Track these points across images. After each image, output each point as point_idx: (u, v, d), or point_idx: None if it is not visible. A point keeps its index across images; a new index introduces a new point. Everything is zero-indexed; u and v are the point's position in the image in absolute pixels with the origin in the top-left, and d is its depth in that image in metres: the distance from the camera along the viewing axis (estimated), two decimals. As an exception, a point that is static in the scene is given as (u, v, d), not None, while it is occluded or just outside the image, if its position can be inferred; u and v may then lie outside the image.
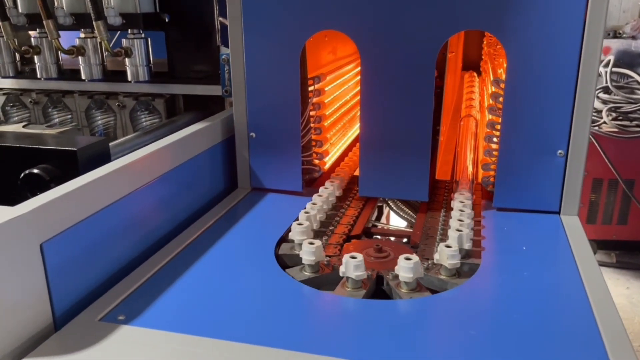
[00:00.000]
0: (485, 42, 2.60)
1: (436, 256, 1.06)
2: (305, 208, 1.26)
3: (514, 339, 0.84)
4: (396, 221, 2.72)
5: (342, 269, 0.99)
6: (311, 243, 1.04)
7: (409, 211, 2.04)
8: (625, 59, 3.60)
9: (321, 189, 1.38)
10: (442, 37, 1.23)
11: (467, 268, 1.08)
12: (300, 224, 1.14)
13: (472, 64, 2.90)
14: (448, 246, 1.04)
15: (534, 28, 1.17)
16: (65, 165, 1.14)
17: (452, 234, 1.11)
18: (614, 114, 3.23)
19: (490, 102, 1.36)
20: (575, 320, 0.88)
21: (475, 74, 2.32)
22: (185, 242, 1.17)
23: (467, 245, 1.09)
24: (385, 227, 1.77)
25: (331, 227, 1.26)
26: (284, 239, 1.19)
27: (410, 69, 1.27)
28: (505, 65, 1.25)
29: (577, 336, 0.84)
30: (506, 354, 0.81)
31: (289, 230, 1.18)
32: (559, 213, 1.27)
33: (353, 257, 0.98)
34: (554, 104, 1.20)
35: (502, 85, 1.29)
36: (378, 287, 1.04)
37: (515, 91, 1.22)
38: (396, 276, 1.01)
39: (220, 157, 1.47)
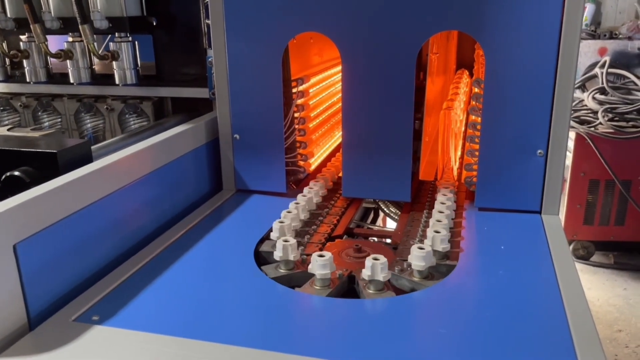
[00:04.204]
0: (477, 44, 2.60)
1: (409, 257, 1.06)
2: (288, 209, 1.26)
3: (481, 339, 0.84)
4: (392, 225, 2.73)
5: (310, 267, 1.00)
6: (285, 240, 1.04)
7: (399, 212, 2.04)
8: (622, 60, 3.59)
9: (305, 189, 1.38)
10: (421, 38, 1.24)
11: (444, 269, 1.07)
12: (281, 222, 1.14)
13: (468, 66, 2.90)
14: (421, 248, 1.03)
15: (512, 29, 1.17)
16: (45, 167, 1.15)
17: (429, 234, 1.10)
18: (610, 115, 3.22)
19: (473, 102, 1.36)
20: (546, 320, 0.88)
21: (467, 72, 2.32)
22: (166, 243, 1.18)
23: (443, 247, 1.08)
24: (369, 228, 1.77)
25: (314, 227, 1.27)
26: (266, 238, 1.19)
27: (390, 70, 1.27)
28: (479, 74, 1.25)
29: (548, 335, 0.84)
30: (471, 354, 0.81)
31: (272, 230, 1.18)
32: (540, 212, 1.27)
33: (321, 256, 0.98)
34: (532, 104, 1.20)
35: (482, 86, 1.29)
36: (351, 287, 1.04)
37: (495, 92, 1.22)
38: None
39: (204, 159, 1.47)
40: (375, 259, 0.97)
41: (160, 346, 0.83)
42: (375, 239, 1.40)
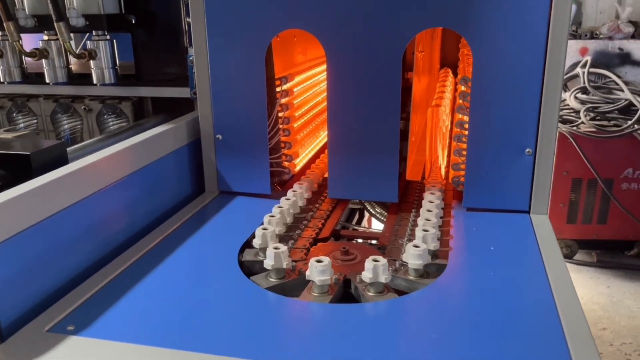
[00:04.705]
0: (461, 43, 2.59)
1: (403, 256, 1.04)
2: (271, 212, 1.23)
3: (479, 340, 0.82)
4: (378, 226, 2.71)
5: (307, 273, 0.96)
6: (276, 248, 1.01)
7: (387, 214, 2.02)
8: (603, 60, 3.62)
9: (289, 191, 1.35)
10: (407, 36, 1.21)
11: (434, 268, 1.05)
12: (264, 229, 1.11)
13: (451, 65, 2.89)
14: (416, 246, 1.02)
15: (499, 25, 1.15)
16: (18, 169, 1.10)
17: (418, 233, 1.08)
18: (592, 114, 3.24)
19: (459, 101, 1.34)
20: (539, 321, 0.86)
21: (450, 71, 2.30)
22: (145, 248, 1.13)
23: (434, 246, 1.07)
24: (355, 229, 1.74)
25: (298, 231, 1.23)
26: (249, 243, 1.16)
27: (376, 68, 1.24)
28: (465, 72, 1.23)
29: (541, 336, 0.82)
30: (471, 355, 0.78)
31: (255, 234, 1.14)
32: (528, 212, 1.25)
33: (319, 262, 0.95)
34: (520, 102, 1.18)
35: (470, 84, 1.27)
36: (346, 291, 1.01)
37: (482, 90, 1.20)
38: (361, 280, 0.98)
39: (186, 160, 1.43)
40: (376, 260, 0.94)
41: (139, 357, 0.79)
42: (360, 240, 1.37)
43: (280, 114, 1.43)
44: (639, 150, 3.19)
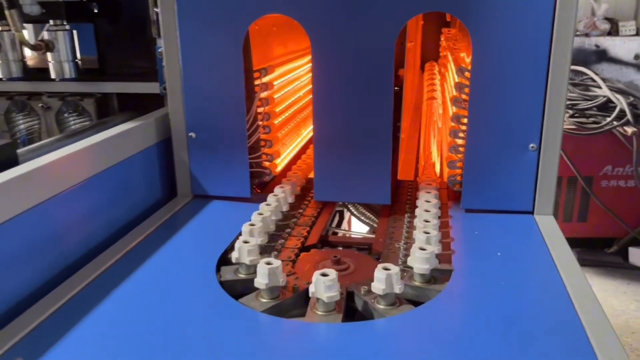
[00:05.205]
0: (443, 37, 2.51)
1: (409, 260, 0.94)
2: (250, 220, 1.09)
3: (513, 353, 0.74)
4: (358, 227, 2.59)
5: (311, 289, 0.84)
6: (269, 263, 0.87)
7: (371, 215, 1.91)
8: (579, 57, 3.61)
9: (270, 196, 1.22)
10: (401, 19, 1.11)
11: (438, 273, 0.95)
12: (246, 242, 0.96)
13: (429, 59, 2.81)
14: (422, 249, 0.92)
15: (501, 10, 1.05)
16: (-41, 173, 0.95)
17: (419, 236, 0.98)
18: (570, 111, 3.21)
19: (455, 93, 1.24)
20: (565, 334, 0.77)
21: (435, 64, 2.22)
22: (107, 263, 0.99)
23: (437, 249, 0.97)
24: (346, 235, 1.63)
25: (281, 241, 1.10)
26: (229, 255, 1.02)
27: (367, 57, 1.13)
28: (468, 55, 1.13)
29: (569, 351, 0.73)
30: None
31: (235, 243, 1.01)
32: (532, 213, 1.16)
33: (324, 275, 0.83)
34: (524, 93, 1.09)
35: (467, 75, 1.17)
36: (347, 304, 0.89)
37: (482, 80, 1.10)
38: (369, 290, 0.87)
39: (155, 161, 1.30)
40: (387, 268, 0.84)
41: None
42: (341, 247, 1.25)
43: (259, 110, 1.30)
44: (618, 147, 3.18)
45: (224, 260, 1.01)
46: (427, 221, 1.06)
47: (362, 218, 1.99)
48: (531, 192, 1.14)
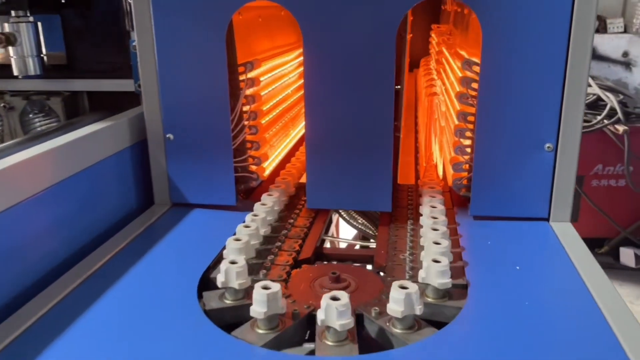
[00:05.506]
0: (433, 33, 2.42)
1: (421, 274, 0.83)
2: (235, 234, 0.97)
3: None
4: (346, 231, 2.46)
5: (320, 316, 0.72)
6: (266, 287, 0.74)
7: (364, 220, 1.79)
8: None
9: (257, 205, 1.09)
10: (404, 5, 0.99)
11: (451, 288, 0.84)
12: (233, 262, 0.82)
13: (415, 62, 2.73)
14: (436, 261, 0.82)
15: (514, -4, 0.95)
16: None
17: (432, 247, 0.87)
18: (562, 110, 3.15)
19: (459, 88, 1.13)
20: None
21: (431, 59, 2.12)
22: (73, 283, 0.86)
23: (450, 261, 0.86)
24: (337, 244, 1.51)
25: (271, 256, 0.97)
26: (212, 274, 0.90)
27: (365, 48, 1.02)
28: (468, 49, 1.03)
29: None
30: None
31: (219, 260, 0.89)
32: (547, 220, 1.05)
33: (334, 299, 0.72)
34: (540, 86, 0.98)
35: (475, 69, 1.07)
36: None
37: (493, 73, 1.00)
38: (380, 312, 0.77)
39: (129, 166, 1.17)
40: (404, 287, 0.73)
41: None
42: (335, 262, 1.14)
43: (245, 108, 1.18)
44: (608, 146, 3.13)
45: (206, 280, 0.88)
46: (435, 229, 0.95)
47: (353, 223, 1.88)
48: (547, 196, 1.04)
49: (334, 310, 0.70)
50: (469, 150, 1.10)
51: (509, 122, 1.01)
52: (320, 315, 0.71)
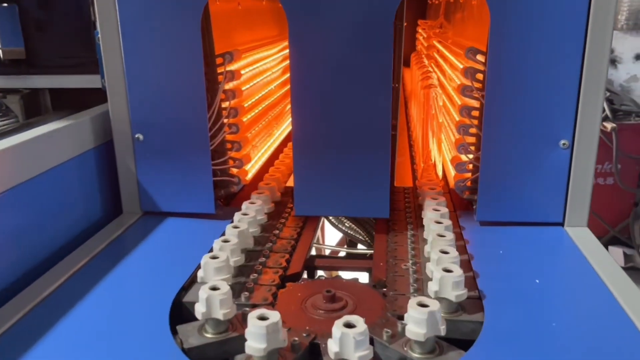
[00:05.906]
0: (420, 29, 2.33)
1: (433, 287, 0.73)
2: (212, 250, 0.84)
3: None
4: (331, 235, 2.33)
5: (332, 347, 0.60)
6: (263, 318, 0.61)
7: (352, 225, 1.68)
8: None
9: (238, 215, 0.97)
10: (401, -10, 0.89)
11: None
12: (215, 289, 0.69)
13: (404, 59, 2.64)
14: (448, 270, 0.72)
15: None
16: None
17: (441, 256, 0.78)
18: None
19: (459, 81, 1.03)
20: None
21: (423, 55, 2.02)
22: (26, 307, 0.74)
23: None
24: (336, 258, 1.40)
25: (254, 275, 0.85)
26: (186, 297, 0.78)
27: (359, 37, 0.91)
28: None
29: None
30: None
31: (194, 280, 0.77)
32: (562, 224, 0.95)
33: (349, 326, 0.61)
34: (554, 77, 0.89)
35: (481, 58, 0.97)
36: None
37: (503, 63, 0.90)
38: (392, 335, 0.67)
39: (93, 170, 1.05)
40: (423, 304, 0.63)
41: None
42: (324, 276, 1.02)
43: (224, 104, 1.06)
44: (600, 145, 3.07)
45: (179, 304, 0.76)
46: (441, 236, 0.85)
47: (340, 226, 1.76)
48: (562, 199, 0.94)
49: (351, 341, 0.59)
50: (473, 148, 1.00)
51: (520, 116, 0.91)
52: (332, 347, 0.60)
